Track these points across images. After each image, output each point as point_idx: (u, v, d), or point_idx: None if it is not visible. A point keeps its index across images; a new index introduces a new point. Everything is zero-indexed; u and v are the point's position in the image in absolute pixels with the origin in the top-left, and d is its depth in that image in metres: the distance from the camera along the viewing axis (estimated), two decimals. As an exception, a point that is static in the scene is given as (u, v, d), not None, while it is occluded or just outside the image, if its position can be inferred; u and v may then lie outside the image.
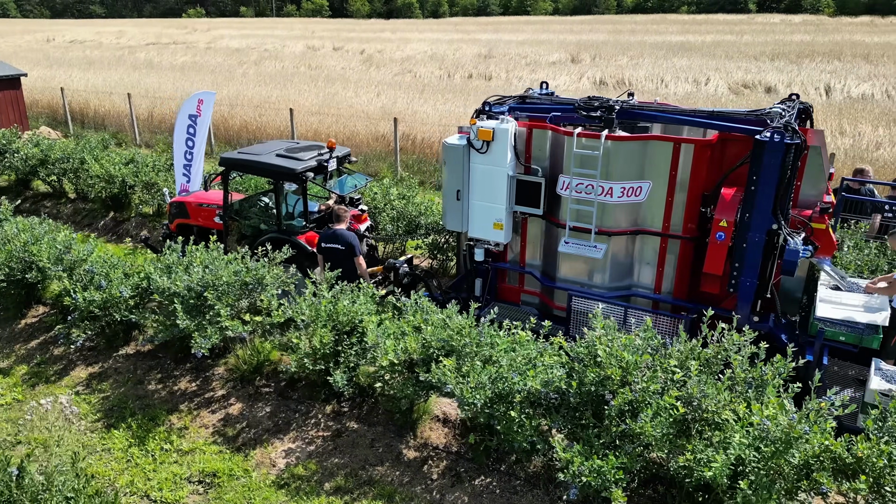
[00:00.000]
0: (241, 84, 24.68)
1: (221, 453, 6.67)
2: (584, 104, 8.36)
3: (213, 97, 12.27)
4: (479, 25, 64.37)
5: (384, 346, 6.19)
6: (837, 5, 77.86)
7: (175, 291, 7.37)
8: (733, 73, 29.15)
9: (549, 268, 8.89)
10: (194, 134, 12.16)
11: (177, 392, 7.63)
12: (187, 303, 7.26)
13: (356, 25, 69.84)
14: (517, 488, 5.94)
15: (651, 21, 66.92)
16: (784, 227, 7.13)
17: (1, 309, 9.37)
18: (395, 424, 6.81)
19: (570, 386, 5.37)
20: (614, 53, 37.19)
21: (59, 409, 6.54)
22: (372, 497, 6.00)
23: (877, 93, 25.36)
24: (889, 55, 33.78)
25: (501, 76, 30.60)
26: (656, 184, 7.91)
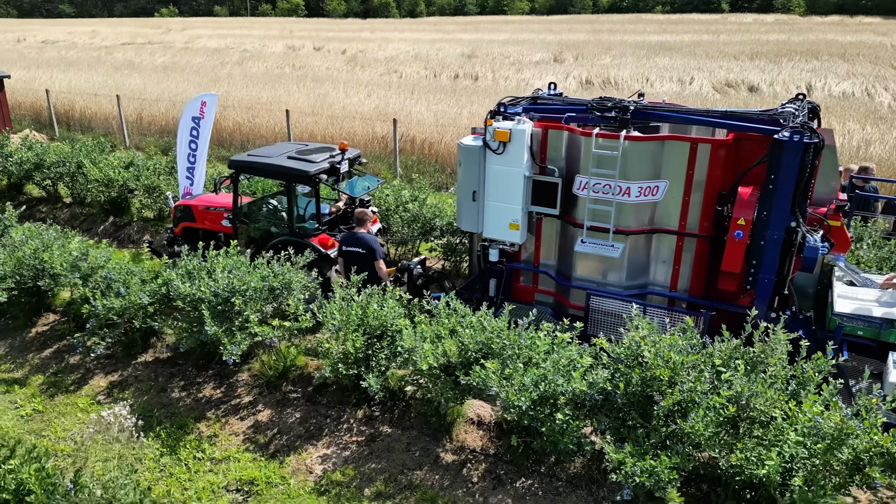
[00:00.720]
0: (227, 85, 24.39)
1: (256, 461, 6.62)
2: (598, 105, 8.45)
3: (215, 99, 12.13)
4: (457, 25, 64.38)
5: (422, 349, 6.18)
6: (808, 5, 79.29)
7: (200, 297, 7.28)
8: (716, 73, 29.56)
9: (564, 267, 8.94)
10: (197, 136, 12.00)
11: (202, 399, 7.54)
12: (214, 309, 7.17)
13: (334, 25, 69.41)
14: (559, 489, 5.99)
15: (628, 21, 67.50)
16: (802, 224, 7.28)
17: (9, 318, 9.17)
18: (429, 428, 6.81)
19: (617, 387, 5.42)
20: (596, 53, 37.49)
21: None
22: (415, 501, 6.00)
23: (857, 91, 25.92)
24: (864, 54, 34.53)
25: (488, 76, 30.67)
26: (673, 183, 8.01)
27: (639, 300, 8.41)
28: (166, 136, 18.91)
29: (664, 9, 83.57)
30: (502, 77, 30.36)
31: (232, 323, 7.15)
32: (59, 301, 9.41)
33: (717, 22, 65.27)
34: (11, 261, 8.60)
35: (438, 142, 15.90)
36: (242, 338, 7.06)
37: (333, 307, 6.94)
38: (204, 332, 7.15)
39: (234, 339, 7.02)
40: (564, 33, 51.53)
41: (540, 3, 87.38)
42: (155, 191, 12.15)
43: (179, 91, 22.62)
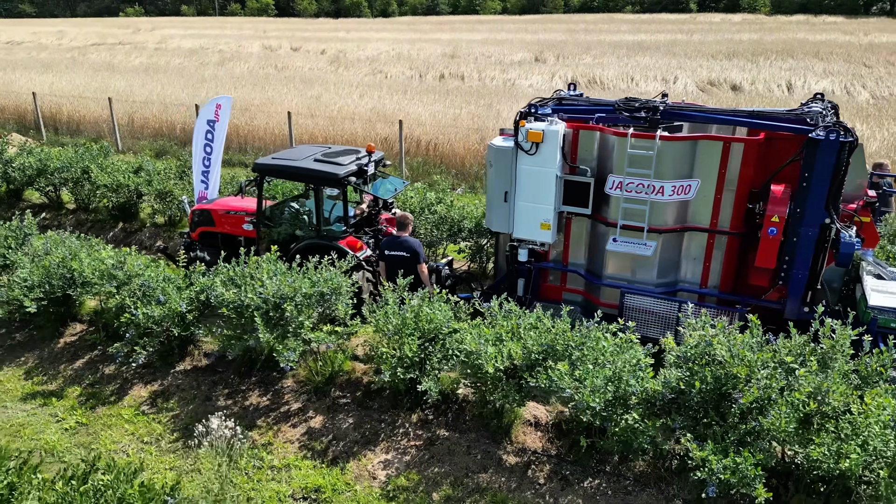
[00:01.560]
0: (214, 86, 24.05)
1: (317, 468, 6.58)
2: (626, 105, 8.59)
3: (230, 102, 11.98)
4: (432, 25, 64.35)
5: (487, 352, 6.21)
6: (773, 4, 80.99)
7: (249, 304, 7.19)
8: (698, 72, 30.08)
9: (594, 266, 9.05)
10: (212, 140, 11.84)
11: (249, 407, 7.46)
12: (265, 315, 7.10)
13: (307, 25, 68.81)
14: (628, 489, 6.07)
15: (601, 20, 68.19)
16: (836, 221, 7.49)
17: (34, 328, 8.94)
18: (487, 430, 6.85)
19: (692, 386, 5.52)
20: (577, 53, 37.81)
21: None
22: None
23: (836, 89, 26.61)
24: (836, 53, 35.43)
25: (474, 76, 30.76)
26: (705, 182, 8.17)
27: (676, 297, 8.59)
28: (160, 140, 18.61)
29: (634, 9, 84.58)
30: (488, 77, 30.48)
31: (284, 329, 7.09)
32: (85, 310, 9.21)
33: (687, 22, 66.30)
34: (38, 270, 8.40)
35: (444, 143, 15.91)
36: (296, 344, 7.00)
37: (389, 311, 6.93)
38: (256, 340, 7.08)
39: (289, 345, 6.96)
40: (541, 33, 51.88)
41: (512, 3, 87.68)
42: (168, 196, 11.94)
43: (168, 93, 22.24)
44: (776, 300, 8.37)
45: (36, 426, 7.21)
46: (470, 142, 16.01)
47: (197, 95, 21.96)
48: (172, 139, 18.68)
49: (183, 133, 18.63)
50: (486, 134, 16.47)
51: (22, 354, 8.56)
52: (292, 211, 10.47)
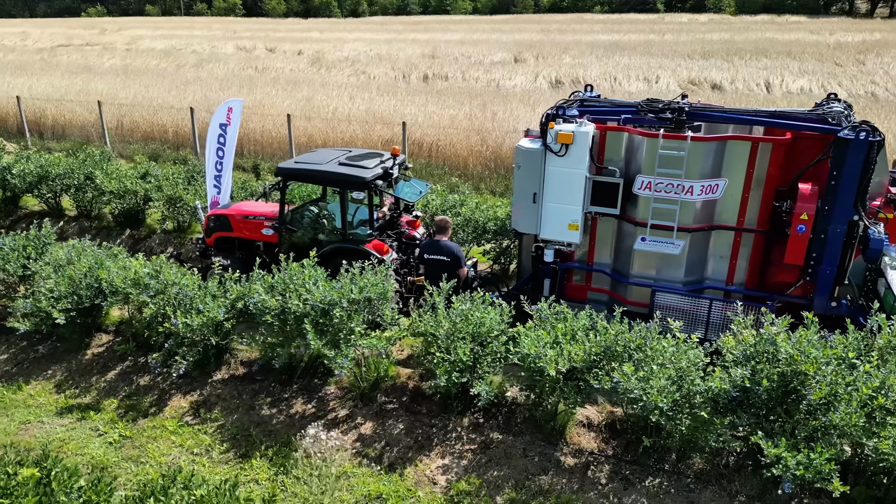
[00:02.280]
0: (200, 88, 23.66)
1: (375, 475, 6.55)
2: (650, 106, 8.75)
3: (241, 105, 11.82)
4: (406, 25, 64.20)
5: (548, 355, 6.25)
6: (737, 4, 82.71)
7: (294, 311, 7.12)
8: (678, 72, 30.60)
9: (621, 265, 9.18)
10: (224, 143, 11.67)
11: (295, 415, 7.39)
12: (314, 322, 7.05)
13: (278, 25, 68.09)
14: (690, 486, 6.18)
15: (572, 20, 68.84)
16: (864, 218, 7.74)
17: (56, 339, 8.71)
18: (541, 432, 6.90)
19: (758, 383, 5.65)
20: (555, 53, 38.11)
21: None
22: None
23: (814, 87, 27.33)
24: (808, 52, 36.36)
25: (458, 77, 30.82)
26: (732, 181, 8.35)
27: (699, 295, 8.77)
28: (152, 143, 18.25)
29: (603, 9, 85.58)
30: (472, 78, 30.57)
31: (334, 336, 7.04)
32: (110, 320, 9.01)
33: (656, 22, 67.30)
34: (64, 280, 8.19)
35: (446, 144, 15.92)
36: (347, 350, 6.96)
37: (441, 315, 6.93)
38: (305, 346, 7.02)
39: (342, 352, 6.92)
40: (515, 33, 52.14)
41: (483, 3, 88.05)
42: (178, 201, 11.73)
43: (153, 96, 21.82)
44: (801, 296, 8.59)
45: (78, 441, 7.04)
46: (471, 143, 16.06)
47: (184, 98, 21.60)
48: (165, 143, 18.33)
49: (176, 137, 18.31)
50: (487, 135, 16.56)
51: (48, 367, 8.34)
52: (312, 215, 10.40)
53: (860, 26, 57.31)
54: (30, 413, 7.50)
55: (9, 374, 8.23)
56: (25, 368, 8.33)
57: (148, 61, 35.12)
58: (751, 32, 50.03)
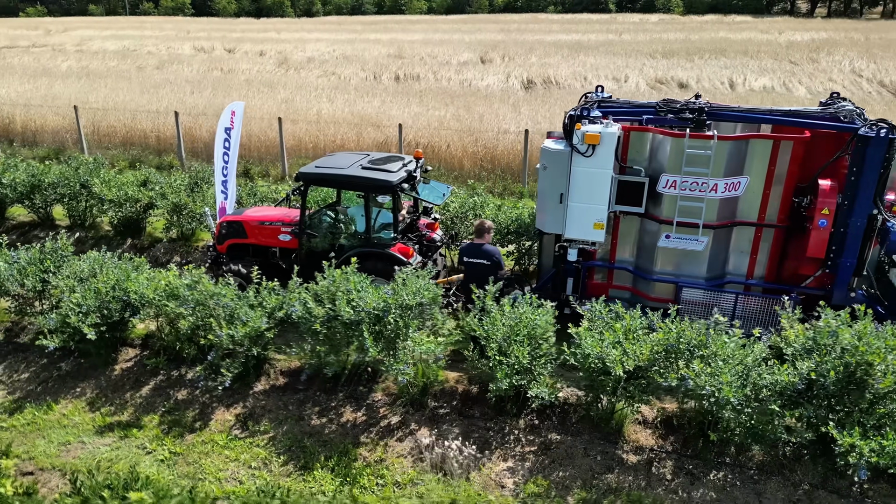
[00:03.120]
0: (172, 91, 22.98)
1: (441, 481, 6.53)
2: (668, 107, 8.97)
3: (242, 107, 11.56)
4: (364, 25, 63.73)
5: (613, 355, 6.34)
6: (685, 5, 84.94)
7: (347, 318, 7.04)
8: (645, 71, 31.28)
9: (644, 262, 9.36)
10: (229, 148, 11.41)
11: (347, 424, 7.30)
12: (370, 328, 6.98)
13: (233, 25, 66.70)
14: (754, 478, 6.36)
15: (528, 20, 69.50)
16: (883, 211, 8.10)
17: (80, 356, 8.38)
18: (599, 431, 6.99)
19: (823, 375, 5.86)
20: (521, 52, 38.44)
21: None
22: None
23: (776, 85, 28.33)
24: (762, 51, 37.61)
25: (429, 77, 30.79)
26: (754, 178, 8.62)
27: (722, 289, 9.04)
28: (133, 149, 17.69)
29: (557, 9, 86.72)
30: (444, 78, 30.59)
31: (390, 342, 6.99)
32: (136, 334, 8.72)
33: (610, 22, 68.57)
34: (90, 293, 7.90)
35: (440, 146, 15.90)
36: (405, 356, 6.92)
37: (497, 318, 6.95)
38: (362, 353, 6.94)
39: (399, 357, 6.87)
40: (476, 33, 52.38)
41: (438, 3, 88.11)
42: (184, 209, 11.41)
43: (125, 99, 21.13)
44: (818, 287, 8.91)
45: (126, 460, 6.80)
46: (465, 144, 16.09)
47: (158, 101, 20.99)
48: (146, 148, 17.79)
49: (158, 142, 17.79)
50: (479, 136, 16.61)
51: (76, 385, 8.03)
52: (330, 220, 10.28)
53: (805, 25, 59.60)
54: (67, 433, 7.21)
55: (34, 394, 7.89)
56: (51, 387, 8.00)
57: (105, 63, 33.97)
58: (705, 32, 51.44)
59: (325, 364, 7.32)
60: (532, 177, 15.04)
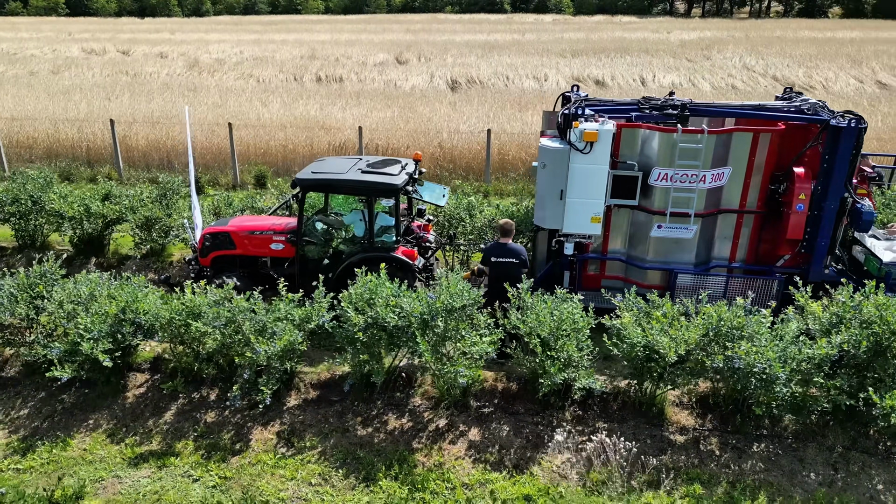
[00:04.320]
0: (84, 97, 21.45)
1: (508, 478, 6.61)
2: (650, 104, 9.51)
3: (187, 112, 11.00)
4: (264, 25, 61.95)
5: (664, 342, 6.66)
6: (575, 6, 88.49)
7: (392, 323, 6.97)
8: (562, 69, 32.42)
9: (636, 252, 9.82)
10: (191, 156, 10.86)
11: (395, 431, 7.22)
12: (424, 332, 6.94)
13: (118, 25, 62.90)
14: (793, 446, 6.88)
15: (430, 20, 70.13)
16: (853, 195, 8.96)
17: (84, 385, 7.75)
18: (643, 416, 7.31)
19: (857, 346, 6.44)
20: (436, 52, 38.77)
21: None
22: (685, 481, 6.49)
23: (683, 81, 30.16)
24: (661, 49, 39.86)
25: (353, 78, 30.49)
26: (736, 168, 9.27)
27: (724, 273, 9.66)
28: (61, 161, 16.41)
29: (454, 9, 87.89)
30: (368, 79, 30.39)
31: (444, 344, 6.98)
32: (142, 358, 8.18)
33: (508, 22, 70.33)
34: (99, 317, 7.35)
35: (401, 147, 15.84)
36: (459, 358, 6.93)
37: (544, 314, 7.10)
38: (414, 357, 6.89)
39: (450, 360, 6.87)
40: (382, 33, 52.22)
41: (335, 3, 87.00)
42: (157, 222, 10.77)
43: (39, 108, 19.54)
44: (793, 266, 9.69)
45: (175, 490, 6.41)
46: (421, 145, 16.11)
47: (74, 109, 19.58)
48: (75, 159, 16.53)
49: (90, 152, 16.58)
50: (434, 137, 16.68)
51: (87, 417, 7.43)
52: (323, 227, 10.08)
53: (688, 25, 63.73)
54: (96, 469, 6.68)
55: (42, 431, 7.24)
56: (59, 422, 7.37)
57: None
58: (602, 32, 53.78)
59: (372, 372, 7.20)
60: (495, 175, 15.32)
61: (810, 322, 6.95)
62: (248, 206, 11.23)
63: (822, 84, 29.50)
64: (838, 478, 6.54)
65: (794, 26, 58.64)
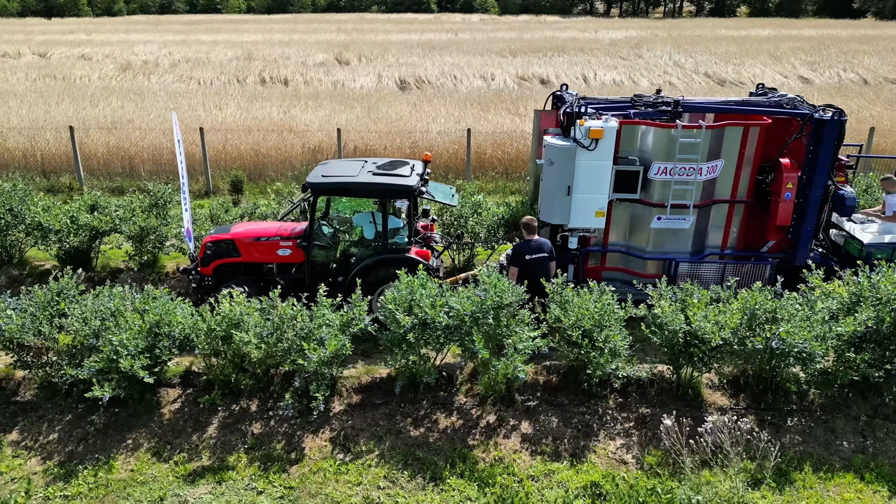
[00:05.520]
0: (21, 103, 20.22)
1: (571, 468, 6.80)
2: (643, 101, 9.98)
3: (174, 117, 10.66)
4: (187, 25, 59.72)
5: (707, 328, 7.01)
6: (500, 5, 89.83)
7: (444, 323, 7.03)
8: (506, 68, 32.92)
9: (636, 243, 10.24)
10: (182, 162, 10.52)
11: (447, 430, 7.28)
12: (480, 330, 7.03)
13: (27, 26, 59.10)
14: (822, 418, 7.39)
15: (357, 20, 69.54)
16: (834, 182, 9.68)
17: (115, 405, 7.41)
18: (682, 400, 7.66)
19: (882, 321, 6.99)
20: (377, 53, 38.56)
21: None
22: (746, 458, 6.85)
23: (623, 79, 31.24)
24: (596, 48, 41.04)
25: (298, 80, 29.95)
26: (727, 161, 9.82)
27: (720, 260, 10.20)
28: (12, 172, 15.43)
29: (380, 8, 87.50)
30: (314, 80, 29.93)
31: (499, 341, 7.09)
32: (171, 373, 7.89)
33: (437, 21, 70.67)
34: (132, 332, 7.06)
35: (378, 148, 15.76)
36: (515, 354, 7.06)
37: (591, 307, 7.33)
38: (470, 358, 6.98)
39: (509, 357, 7.00)
40: (315, 33, 51.43)
41: (257, 3, 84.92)
42: (153, 232, 10.35)
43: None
44: (779, 251, 10.33)
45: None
46: (395, 145, 16.11)
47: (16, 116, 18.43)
48: (29, 169, 15.58)
49: (45, 162, 15.67)
50: (409, 137, 16.66)
51: (124, 437, 7.12)
52: (330, 230, 10.00)
53: (611, 24, 65.88)
54: (152, 490, 6.43)
55: (78, 455, 6.88)
56: (95, 444, 7.02)
57: None
58: (534, 32, 54.80)
59: (423, 372, 7.23)
60: (475, 173, 15.51)
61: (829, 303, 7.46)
62: (249, 213, 10.95)
63: (751, 80, 31.17)
64: (868, 444, 7.09)
65: (710, 25, 61.55)
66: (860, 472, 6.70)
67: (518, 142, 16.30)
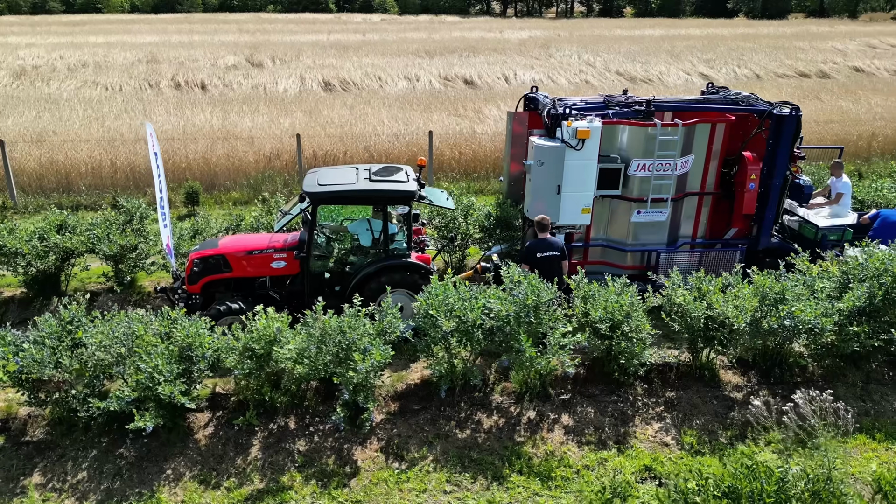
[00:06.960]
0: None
1: (619, 454, 7.09)
2: (617, 101, 10.55)
3: (151, 127, 10.13)
4: (69, 26, 55.49)
5: (731, 312, 7.52)
6: (399, 5, 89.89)
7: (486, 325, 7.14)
8: (429, 69, 33.08)
9: (617, 237, 10.75)
10: (160, 175, 9.99)
11: (492, 430, 7.40)
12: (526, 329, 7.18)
13: None
14: (825, 388, 8.07)
15: (255, 20, 67.54)
16: (792, 172, 10.60)
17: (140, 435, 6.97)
18: (701, 382, 8.15)
19: (874, 296, 7.75)
20: (290, 54, 37.64)
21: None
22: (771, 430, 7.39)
23: (543, 78, 32.18)
24: (507, 49, 41.95)
25: (216, 83, 28.82)
26: (697, 156, 10.52)
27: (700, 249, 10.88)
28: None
29: (276, 7, 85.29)
30: (235, 83, 28.90)
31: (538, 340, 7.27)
32: (204, 394, 7.51)
33: (339, 21, 69.80)
34: (164, 357, 6.69)
35: (338, 153, 15.49)
36: (559, 351, 7.26)
37: (622, 302, 7.65)
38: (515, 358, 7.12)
39: (554, 354, 7.19)
40: (216, 34, 49.38)
41: (142, 1, 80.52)
42: (133, 250, 9.74)
43: None
44: (742, 238, 11.16)
45: (314, 524, 6.10)
46: (356, 150, 15.91)
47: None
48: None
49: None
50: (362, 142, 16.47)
51: (161, 467, 6.73)
52: (325, 238, 9.85)
53: (512, 25, 67.44)
54: (211, 519, 6.15)
55: (116, 492, 6.44)
56: (131, 478, 6.59)
57: None
58: (441, 32, 55.18)
59: (470, 375, 7.30)
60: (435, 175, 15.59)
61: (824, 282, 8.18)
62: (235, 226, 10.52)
63: (658, 77, 33.05)
64: (868, 407, 7.85)
65: (605, 25, 64.41)
66: (871, 433, 7.41)
67: (472, 143, 16.52)
